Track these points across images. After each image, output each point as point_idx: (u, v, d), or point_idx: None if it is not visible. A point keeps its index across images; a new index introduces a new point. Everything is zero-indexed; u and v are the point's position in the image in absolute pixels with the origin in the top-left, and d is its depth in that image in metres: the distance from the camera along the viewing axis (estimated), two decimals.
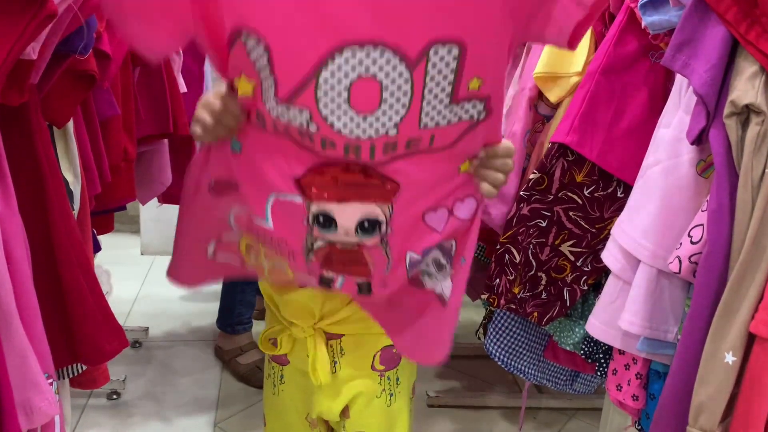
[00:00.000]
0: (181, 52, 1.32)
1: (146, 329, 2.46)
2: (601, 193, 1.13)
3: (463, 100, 0.72)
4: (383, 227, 0.81)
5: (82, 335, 0.89)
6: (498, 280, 1.19)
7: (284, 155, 0.76)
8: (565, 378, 1.39)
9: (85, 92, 0.92)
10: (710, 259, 0.85)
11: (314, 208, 0.81)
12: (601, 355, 1.21)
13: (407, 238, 0.82)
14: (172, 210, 3.38)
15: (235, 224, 0.88)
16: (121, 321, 0.84)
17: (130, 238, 3.33)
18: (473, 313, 2.73)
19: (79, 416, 1.99)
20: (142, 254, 3.24)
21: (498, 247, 1.18)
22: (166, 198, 1.60)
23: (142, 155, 1.42)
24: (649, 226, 0.95)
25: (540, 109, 1.29)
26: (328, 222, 0.82)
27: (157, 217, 3.20)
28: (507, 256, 1.18)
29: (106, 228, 1.33)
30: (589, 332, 1.05)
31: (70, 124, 0.95)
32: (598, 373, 1.21)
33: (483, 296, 1.21)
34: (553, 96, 1.22)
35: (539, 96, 1.27)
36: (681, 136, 0.92)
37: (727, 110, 0.82)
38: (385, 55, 0.67)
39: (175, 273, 0.97)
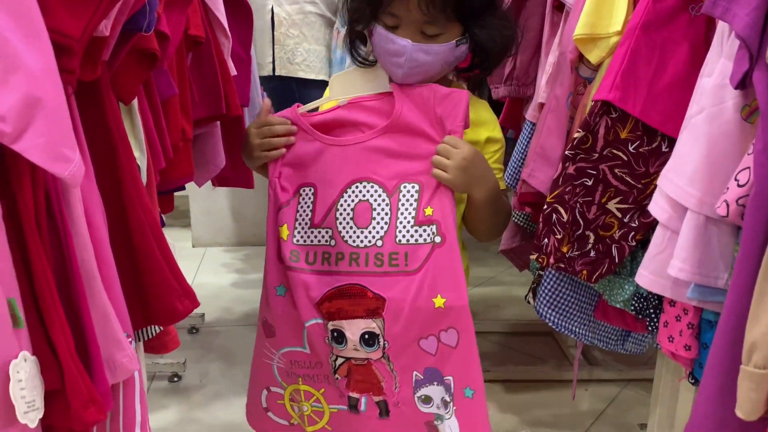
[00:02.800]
0: (230, 35, 1.37)
1: (202, 315, 2.55)
2: (646, 148, 1.14)
3: (423, 222, 1.07)
4: (380, 340, 1.08)
5: (155, 296, 0.95)
6: (546, 240, 1.22)
7: (308, 287, 1.09)
8: (616, 337, 1.40)
9: (148, 71, 0.97)
10: (758, 199, 0.86)
11: (330, 326, 1.10)
12: (651, 311, 1.22)
13: (407, 359, 1.09)
14: (221, 203, 3.52)
15: (278, 374, 1.20)
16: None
17: (181, 231, 3.45)
18: (520, 290, 2.76)
19: None
20: (193, 247, 3.35)
21: (545, 207, 1.21)
22: (221, 181, 1.66)
23: (196, 138, 1.48)
24: (696, 173, 0.97)
25: (581, 71, 1.31)
26: (340, 337, 1.09)
27: (207, 210, 3.31)
28: (554, 215, 1.20)
29: (168, 207, 1.40)
30: (639, 283, 1.07)
31: (135, 102, 1.01)
32: (649, 329, 1.22)
33: (532, 256, 1.24)
34: (593, 57, 1.24)
35: (580, 58, 1.29)
36: (724, 82, 0.93)
37: None
38: (374, 186, 1.09)
39: (249, 416, 1.31)
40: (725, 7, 0.89)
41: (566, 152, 1.17)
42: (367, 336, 1.08)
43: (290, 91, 1.99)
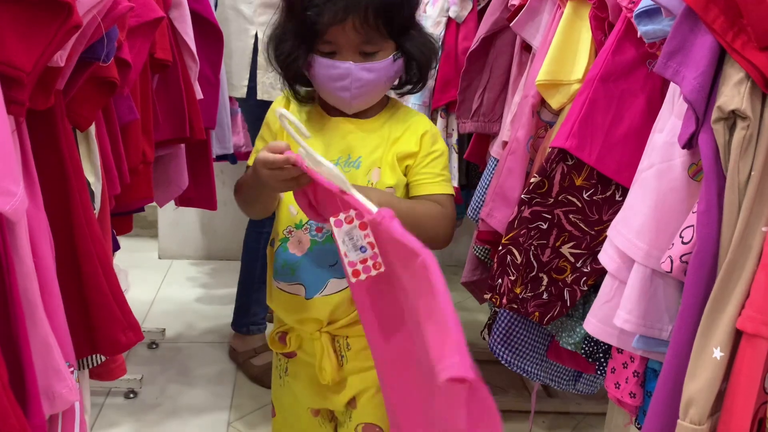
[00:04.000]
0: (197, 60, 1.38)
1: (163, 330, 2.52)
2: (600, 196, 1.17)
3: None
4: None
5: (99, 326, 0.95)
6: (500, 280, 1.23)
7: None
8: (568, 378, 1.42)
9: (107, 98, 0.97)
10: (699, 257, 0.88)
11: None
12: (601, 355, 1.24)
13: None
14: (189, 215, 3.46)
15: None
16: (138, 322, 0.90)
17: (148, 242, 3.41)
18: (484, 317, 2.77)
19: (96, 415, 2.05)
20: (159, 258, 3.32)
21: (500, 248, 1.22)
22: (183, 201, 1.66)
23: (159, 159, 1.48)
24: (643, 226, 0.99)
25: (543, 115, 1.33)
26: None
27: (175, 222, 3.28)
28: (509, 257, 1.22)
29: (126, 228, 1.39)
30: (587, 330, 1.08)
31: (92, 128, 1.01)
32: (599, 373, 1.24)
33: (486, 296, 1.25)
34: (555, 103, 1.27)
35: (542, 103, 1.31)
36: (673, 140, 0.96)
37: (714, 115, 0.86)
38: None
39: None
40: (675, 69, 0.92)
41: (522, 195, 1.19)
42: None
43: None
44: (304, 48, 1.06)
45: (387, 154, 1.10)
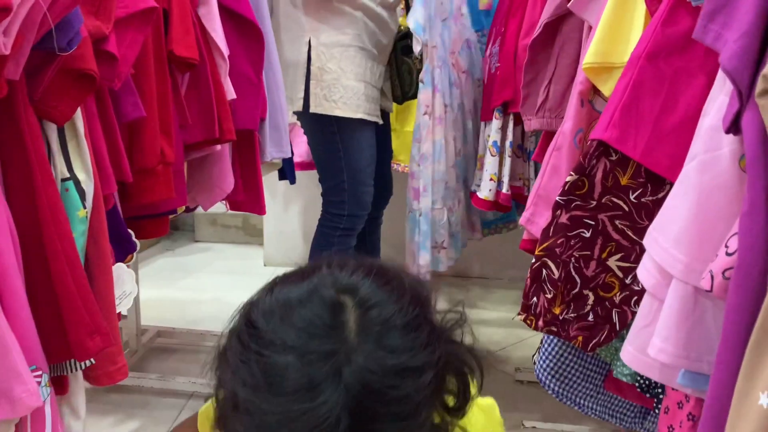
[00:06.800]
0: (227, 57, 1.33)
1: None
2: (650, 198, 0.96)
3: None
4: None
5: (68, 330, 0.91)
6: (535, 298, 1.06)
7: None
8: (633, 414, 1.20)
9: (88, 92, 0.94)
10: (742, 273, 0.68)
11: None
12: (659, 390, 1.03)
13: None
14: (292, 224, 3.52)
15: None
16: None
17: (256, 249, 3.48)
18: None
19: (176, 417, 2.08)
20: (264, 265, 3.37)
21: (533, 261, 1.05)
22: (233, 205, 1.62)
23: (200, 162, 1.45)
24: (683, 233, 0.79)
25: (597, 105, 1.14)
26: None
27: (279, 230, 3.32)
28: (544, 270, 1.04)
29: (161, 231, 1.37)
30: (624, 360, 0.89)
31: (81, 124, 0.98)
32: (656, 411, 1.03)
33: (520, 317, 1.08)
34: (607, 90, 1.07)
35: (595, 90, 1.13)
36: (720, 124, 0.75)
37: (759, 87, 0.66)
38: None
39: None
40: (717, 32, 0.72)
41: (558, 199, 1.01)
42: None
43: (330, 132, 1.90)
44: None
45: None
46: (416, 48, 1.72)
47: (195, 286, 3.06)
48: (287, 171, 2.00)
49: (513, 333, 2.51)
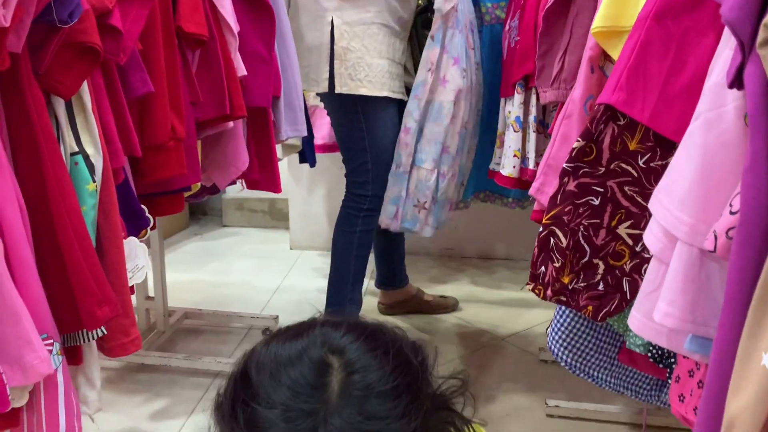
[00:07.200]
0: (236, 33, 1.33)
1: (276, 317, 2.55)
2: (659, 162, 0.94)
3: None
4: None
5: (78, 299, 0.92)
6: (543, 267, 1.04)
7: None
8: (648, 387, 1.18)
9: (92, 66, 0.95)
10: (744, 230, 0.66)
11: None
12: (672, 360, 1.01)
13: None
14: (317, 208, 3.54)
15: None
16: (257, 310, 0.82)
17: (282, 233, 3.50)
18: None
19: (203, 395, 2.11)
20: (291, 249, 3.39)
21: (541, 230, 1.03)
22: (250, 184, 1.63)
23: (215, 140, 1.46)
24: (688, 194, 0.77)
25: (607, 71, 1.11)
26: None
27: (304, 214, 3.33)
28: (552, 239, 1.03)
29: (176, 208, 1.38)
30: (631, 327, 0.87)
31: (88, 99, 0.99)
32: (669, 382, 1.01)
33: (528, 286, 1.07)
34: (617, 54, 1.05)
35: (605, 56, 1.10)
36: (725, 80, 0.73)
37: (761, 37, 0.63)
38: None
39: None
40: None
41: (565, 166, 0.99)
42: None
43: (354, 112, 1.89)
44: None
45: None
46: (446, 6, 1.71)
47: (222, 270, 3.10)
48: (307, 153, 2.00)
49: (538, 314, 2.49)
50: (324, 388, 0.65)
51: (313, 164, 2.08)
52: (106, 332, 1.02)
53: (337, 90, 1.78)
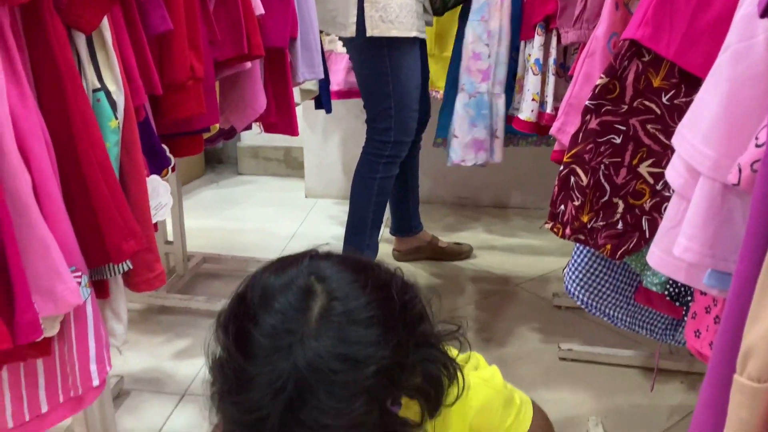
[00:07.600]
0: None
1: None
2: (683, 99, 0.93)
3: None
4: None
5: (105, 233, 0.94)
6: (563, 206, 1.05)
7: None
8: (664, 326, 1.20)
9: (112, 1, 0.94)
10: None
11: None
12: (689, 299, 1.02)
13: None
14: (332, 157, 3.57)
15: None
16: (274, 255, 0.85)
17: (297, 182, 3.52)
18: None
19: None
20: (306, 197, 3.41)
21: (561, 168, 1.04)
22: (268, 127, 1.63)
23: (232, 82, 1.46)
24: (713, 128, 0.76)
25: (632, 7, 1.09)
26: None
27: (319, 162, 3.34)
28: (572, 178, 1.03)
29: (195, 149, 1.38)
30: (650, 263, 0.88)
31: (108, 36, 0.99)
32: (685, 320, 1.02)
33: (547, 225, 1.07)
34: None
35: None
36: (755, 11, 0.72)
37: None
38: None
39: None
40: None
41: (587, 103, 0.99)
42: None
43: (380, 56, 1.85)
44: None
45: None
46: None
47: (239, 217, 3.13)
48: (324, 99, 1.98)
49: (552, 261, 2.51)
50: (306, 312, 0.71)
51: (329, 110, 2.06)
52: (131, 266, 1.04)
53: (369, 33, 1.74)
